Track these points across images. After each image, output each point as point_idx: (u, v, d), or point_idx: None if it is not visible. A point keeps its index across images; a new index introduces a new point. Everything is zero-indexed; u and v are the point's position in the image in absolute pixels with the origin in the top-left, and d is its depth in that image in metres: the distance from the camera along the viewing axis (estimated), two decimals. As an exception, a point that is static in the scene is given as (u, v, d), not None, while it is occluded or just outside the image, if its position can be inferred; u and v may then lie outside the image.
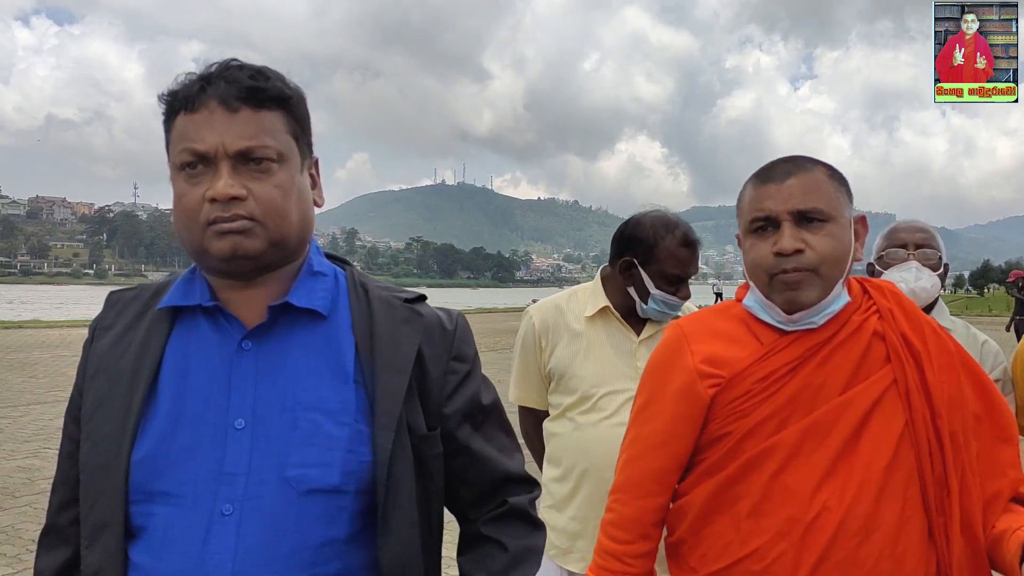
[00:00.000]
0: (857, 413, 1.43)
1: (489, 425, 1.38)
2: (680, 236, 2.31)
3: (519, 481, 1.40)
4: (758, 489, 1.45)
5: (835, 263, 1.45)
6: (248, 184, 1.17)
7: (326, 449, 1.18)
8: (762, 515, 1.44)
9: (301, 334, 1.25)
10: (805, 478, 1.42)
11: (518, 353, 2.52)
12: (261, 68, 1.22)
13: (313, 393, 1.20)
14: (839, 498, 1.40)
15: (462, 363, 1.33)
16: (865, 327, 1.49)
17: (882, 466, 1.41)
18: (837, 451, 1.42)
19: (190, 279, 1.29)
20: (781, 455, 1.44)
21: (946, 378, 1.46)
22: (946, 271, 2.38)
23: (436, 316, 1.34)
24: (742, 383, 1.49)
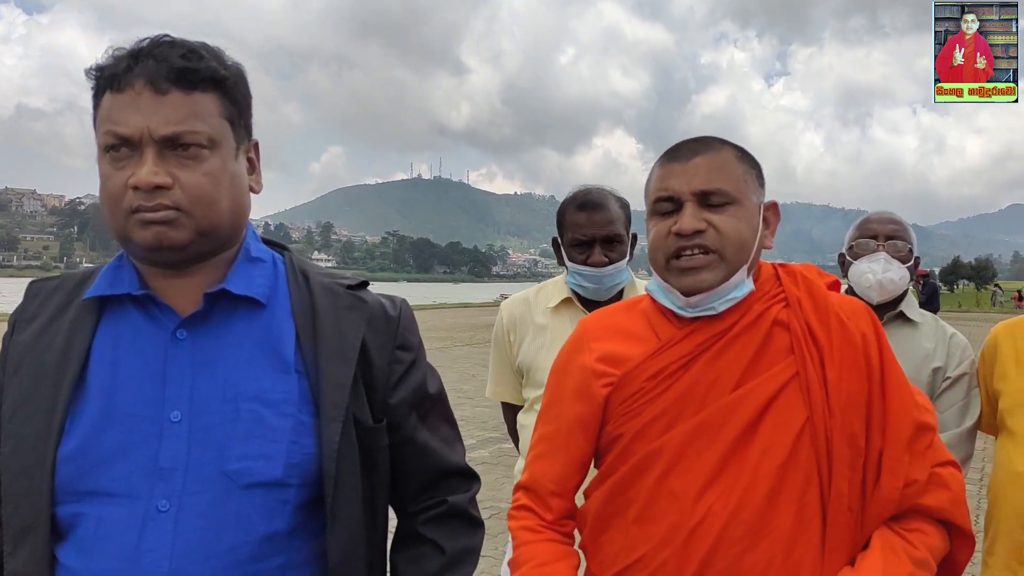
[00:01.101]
0: (750, 410, 1.34)
1: (434, 416, 1.35)
2: (578, 200, 2.26)
3: (460, 474, 1.37)
4: (645, 493, 1.37)
5: (739, 246, 1.38)
6: (175, 171, 1.11)
7: (269, 441, 1.14)
8: (648, 521, 1.36)
9: (239, 322, 1.20)
10: (691, 481, 1.33)
11: (492, 349, 2.53)
12: (195, 45, 1.15)
13: (254, 383, 1.16)
14: (724, 503, 1.31)
15: (407, 352, 1.30)
16: (766, 316, 1.40)
17: (774, 467, 1.31)
18: (726, 451, 1.33)
19: (118, 266, 1.22)
20: (667, 457, 1.35)
21: (848, 375, 1.35)
22: (917, 264, 2.34)
23: (380, 303, 1.30)
24: (634, 381, 1.42)
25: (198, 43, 1.16)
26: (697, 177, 1.37)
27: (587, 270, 2.24)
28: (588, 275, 2.25)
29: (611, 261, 2.24)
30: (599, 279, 2.25)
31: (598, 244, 2.23)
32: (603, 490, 1.43)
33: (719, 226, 1.36)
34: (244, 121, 1.21)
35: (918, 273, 2.28)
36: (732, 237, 1.37)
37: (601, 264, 2.23)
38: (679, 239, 1.37)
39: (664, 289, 1.44)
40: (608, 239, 2.23)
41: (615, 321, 1.53)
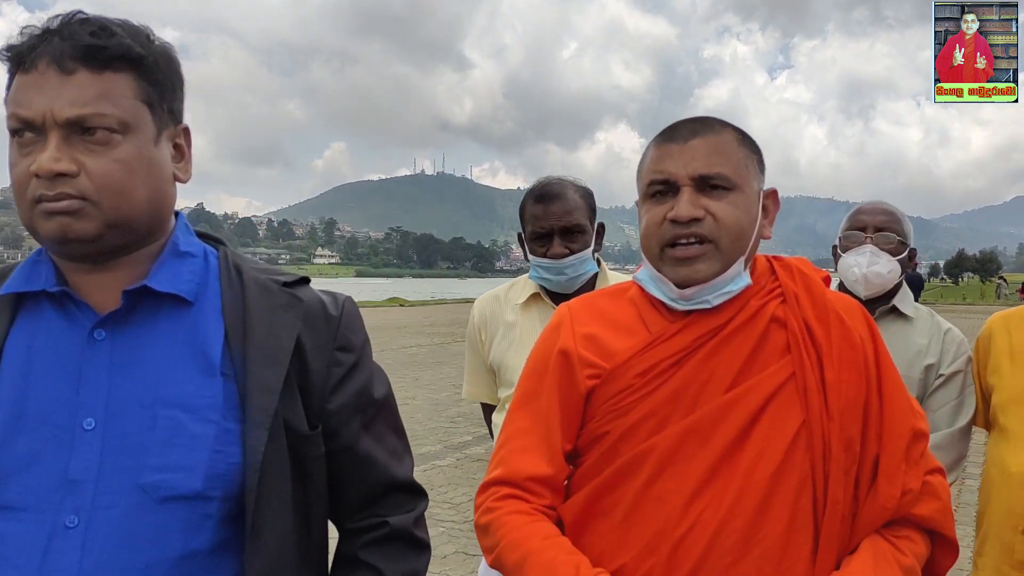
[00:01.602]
0: (745, 412, 1.26)
1: (380, 423, 1.25)
2: (535, 192, 2.22)
3: (405, 489, 1.27)
4: (629, 498, 1.28)
5: (737, 236, 1.30)
6: (81, 158, 1.02)
7: (188, 451, 1.05)
8: (632, 527, 1.27)
9: (163, 322, 1.11)
10: (679, 487, 1.25)
11: (466, 348, 2.46)
12: (109, 22, 1.06)
13: (175, 387, 1.07)
14: (714, 510, 1.23)
15: (348, 353, 1.21)
16: (763, 312, 1.32)
17: (768, 473, 1.24)
18: (718, 456, 1.25)
19: (36, 261, 1.14)
20: (656, 460, 1.27)
21: (847, 376, 1.28)
22: (912, 256, 2.25)
23: (319, 301, 1.21)
24: (622, 377, 1.32)
25: (117, 20, 1.08)
26: (696, 160, 1.29)
27: (547, 262, 2.17)
28: (548, 267, 2.18)
29: (572, 252, 2.16)
30: (560, 270, 2.17)
31: (557, 235, 2.16)
32: (585, 492, 1.33)
33: (717, 214, 1.28)
34: (168, 104, 1.11)
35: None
36: (731, 226, 1.29)
37: (561, 256, 2.15)
38: (675, 226, 1.29)
39: (656, 279, 1.36)
40: (567, 230, 2.16)
41: (601, 307, 1.44)
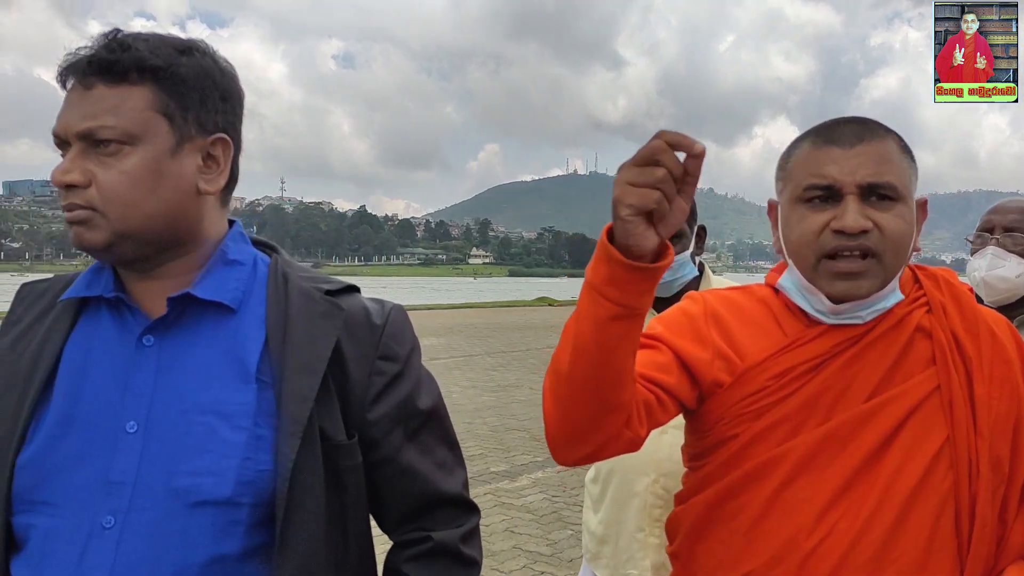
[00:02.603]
0: (886, 423, 1.22)
1: (426, 435, 1.23)
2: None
3: (451, 504, 1.24)
4: (758, 505, 1.24)
5: (901, 251, 1.24)
6: (94, 169, 1.06)
7: (220, 456, 1.07)
8: (759, 535, 1.24)
9: (206, 329, 1.14)
10: (813, 496, 1.21)
11: None
12: (134, 37, 1.09)
13: (211, 394, 1.09)
14: (849, 522, 1.19)
15: (392, 363, 1.19)
16: (908, 321, 1.28)
17: (908, 487, 1.19)
18: (855, 467, 1.21)
19: (100, 267, 1.18)
20: (790, 466, 1.23)
21: (999, 392, 1.23)
22: None
23: (363, 310, 1.21)
24: (757, 378, 1.28)
25: (149, 34, 1.11)
26: (864, 167, 1.22)
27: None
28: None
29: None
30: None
31: None
32: (707, 495, 1.31)
33: (884, 227, 1.21)
34: (195, 115, 1.12)
35: None
36: (897, 240, 1.22)
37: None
38: (839, 237, 1.22)
39: (805, 290, 1.29)
40: None
41: (733, 299, 1.39)
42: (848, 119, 1.29)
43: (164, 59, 1.09)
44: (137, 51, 1.07)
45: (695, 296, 1.42)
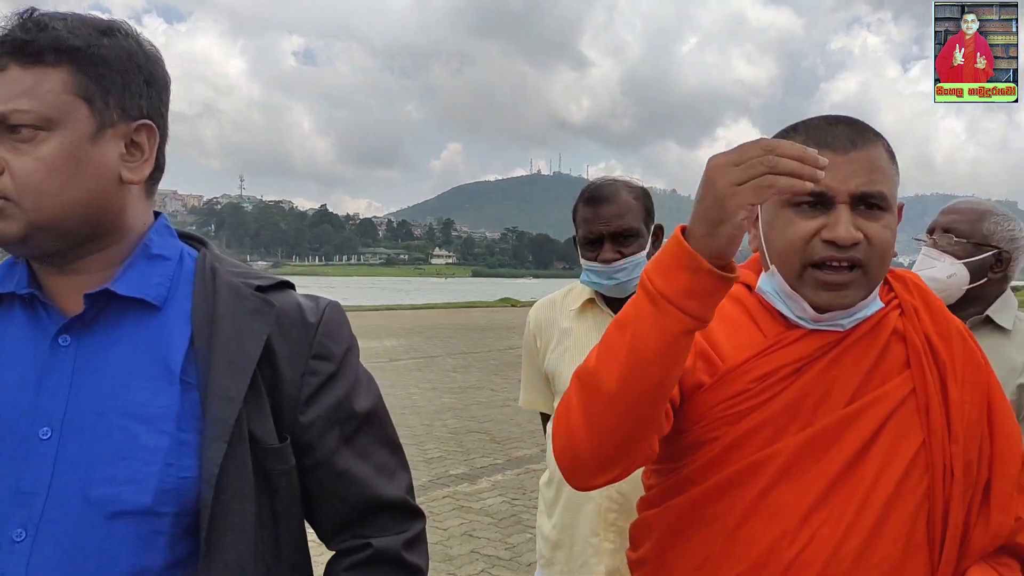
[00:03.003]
0: (866, 427, 1.20)
1: (364, 438, 1.17)
2: (585, 195, 2.12)
3: (393, 509, 1.18)
4: (740, 509, 1.21)
5: (886, 261, 1.23)
6: (8, 156, 1.00)
7: (140, 463, 1.00)
8: (741, 540, 1.21)
9: (128, 327, 1.07)
10: (797, 500, 1.19)
11: (523, 355, 2.37)
12: (51, 16, 1.03)
13: (132, 396, 1.03)
14: (832, 528, 1.17)
15: (326, 362, 1.14)
16: (885, 324, 1.27)
17: (887, 492, 1.18)
18: (837, 471, 1.19)
19: (13, 262, 1.12)
20: (771, 471, 1.21)
21: (971, 396, 1.24)
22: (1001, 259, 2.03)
23: (296, 307, 1.15)
24: (738, 380, 1.25)
25: (68, 13, 1.05)
26: (857, 175, 1.19)
27: (597, 267, 2.07)
28: (599, 272, 2.08)
29: (624, 257, 2.06)
30: (610, 275, 2.07)
31: (607, 239, 2.06)
32: (684, 499, 1.27)
33: (873, 237, 1.19)
34: (117, 99, 1.06)
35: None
36: (883, 251, 1.21)
37: (611, 260, 2.06)
38: (829, 248, 1.19)
39: (786, 296, 1.27)
40: (619, 234, 2.06)
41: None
42: (839, 120, 1.26)
43: (84, 40, 1.03)
44: (54, 30, 1.01)
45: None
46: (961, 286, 2.02)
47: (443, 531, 5.51)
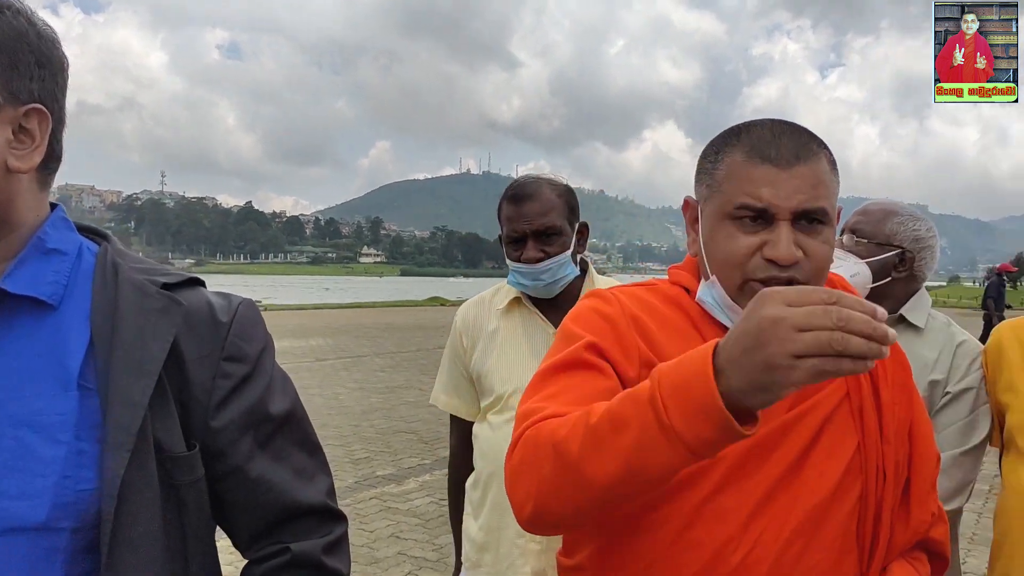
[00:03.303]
0: (806, 432, 1.20)
1: (281, 441, 1.12)
2: (509, 193, 2.10)
3: (313, 514, 1.13)
4: (685, 514, 1.18)
5: (824, 275, 1.23)
6: None
7: (34, 475, 0.93)
8: (687, 546, 1.18)
9: (21, 328, 1.00)
10: (740, 504, 1.18)
11: (446, 354, 2.31)
12: None
13: (25, 403, 0.96)
14: (775, 532, 1.16)
15: (239, 364, 1.08)
16: None
17: (825, 495, 1.18)
18: (780, 475, 1.18)
19: None
20: (718, 476, 1.18)
21: (899, 397, 1.26)
22: (905, 260, 2.07)
23: (206, 305, 1.09)
24: None
25: None
26: (801, 192, 1.17)
27: (522, 267, 2.05)
28: (523, 272, 2.06)
29: (548, 256, 2.04)
30: (535, 276, 2.05)
31: (531, 238, 2.04)
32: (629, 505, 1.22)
33: (812, 254, 1.18)
34: (3, 82, 0.99)
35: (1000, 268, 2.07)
36: (822, 268, 1.21)
37: (535, 260, 2.03)
38: (770, 267, 1.18)
39: (728, 308, 1.25)
40: (542, 232, 2.04)
41: (645, 299, 1.32)
42: (784, 131, 1.22)
43: None
44: None
45: (606, 296, 1.32)
46: (865, 285, 2.05)
47: (369, 533, 5.44)
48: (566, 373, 1.20)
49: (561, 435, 1.04)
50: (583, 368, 1.20)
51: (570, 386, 1.18)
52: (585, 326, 1.26)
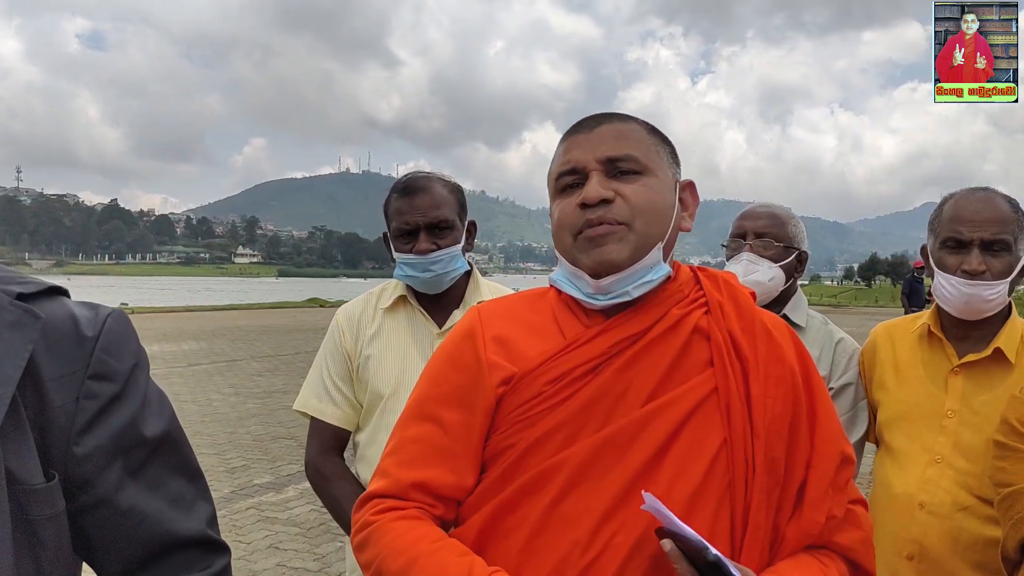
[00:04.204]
0: (664, 427, 1.18)
1: (156, 467, 1.03)
2: (399, 187, 2.09)
3: (192, 546, 1.04)
4: (534, 519, 1.17)
5: (652, 218, 1.24)
6: None
7: None
8: (536, 552, 1.16)
9: None
10: (590, 507, 1.15)
11: (321, 358, 2.19)
12: None
13: None
14: (627, 534, 1.13)
15: (107, 383, 0.99)
16: (686, 322, 1.26)
17: (686, 494, 1.16)
18: (633, 474, 1.16)
19: None
20: (565, 477, 1.17)
21: (775, 392, 1.23)
22: (800, 261, 2.18)
23: (68, 318, 0.99)
24: (532, 384, 1.22)
25: None
26: (603, 144, 1.25)
27: (412, 258, 2.03)
28: (413, 264, 2.03)
29: (439, 248, 2.04)
30: (426, 267, 2.03)
31: (423, 231, 2.03)
32: (485, 512, 1.21)
33: (628, 195, 1.23)
34: None
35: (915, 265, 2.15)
36: (643, 208, 1.23)
37: (427, 251, 2.02)
38: (585, 211, 1.23)
39: (571, 275, 1.29)
40: (434, 225, 2.03)
41: (515, 309, 1.35)
42: (595, 113, 1.33)
43: None
44: None
45: (471, 329, 1.31)
46: (779, 288, 2.13)
47: (247, 545, 5.23)
48: (415, 422, 1.29)
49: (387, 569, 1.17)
50: (429, 422, 1.28)
51: (417, 439, 1.27)
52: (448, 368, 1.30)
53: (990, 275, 1.83)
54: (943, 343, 1.95)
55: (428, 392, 1.31)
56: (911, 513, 1.85)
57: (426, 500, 1.24)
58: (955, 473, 1.83)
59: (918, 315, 2.07)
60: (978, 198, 1.88)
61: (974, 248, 1.84)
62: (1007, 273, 1.84)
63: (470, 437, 1.25)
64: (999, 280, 1.83)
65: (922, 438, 1.89)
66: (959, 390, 1.89)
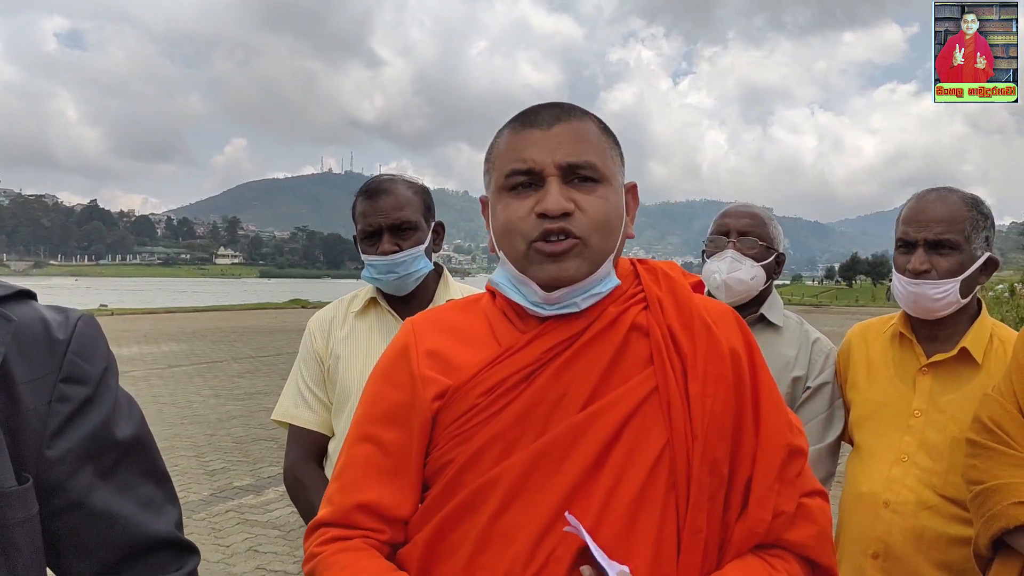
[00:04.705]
0: (603, 432, 1.14)
1: (125, 470, 1.03)
2: (363, 189, 2.12)
3: (162, 548, 1.05)
4: (474, 536, 1.14)
5: (607, 232, 1.19)
6: None
7: None
8: (476, 570, 1.13)
9: None
10: (529, 521, 1.12)
11: (298, 366, 2.21)
12: None
13: None
14: (568, 546, 1.10)
15: (79, 386, 0.99)
16: (623, 319, 1.21)
17: (628, 500, 1.12)
18: (573, 484, 1.12)
19: None
20: (503, 491, 1.13)
21: (714, 390, 1.18)
22: (780, 261, 2.20)
23: (39, 321, 0.99)
24: (467, 396, 1.19)
25: None
26: (563, 147, 1.18)
27: (377, 259, 2.05)
28: (378, 265, 2.05)
29: (402, 250, 2.05)
30: (390, 268, 2.04)
31: (386, 232, 2.05)
32: (430, 529, 1.18)
33: (586, 209, 1.17)
34: None
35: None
36: (600, 222, 1.18)
37: (388, 253, 2.04)
38: (543, 221, 1.16)
39: (517, 281, 1.23)
40: (397, 227, 2.05)
41: (449, 320, 1.31)
42: (546, 103, 1.26)
43: None
44: None
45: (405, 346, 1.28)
46: (759, 287, 2.14)
47: (225, 548, 5.20)
48: (356, 444, 1.26)
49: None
50: (367, 442, 1.25)
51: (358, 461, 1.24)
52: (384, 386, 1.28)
53: (936, 274, 1.85)
54: (912, 343, 1.97)
55: (367, 411, 1.28)
56: (876, 512, 1.86)
57: (372, 524, 1.21)
58: (920, 472, 1.85)
59: (891, 316, 2.08)
60: (929, 199, 1.91)
61: (918, 248, 1.87)
62: (956, 272, 1.85)
63: (409, 455, 1.22)
64: (946, 279, 1.85)
65: (889, 437, 1.91)
66: (927, 389, 1.91)
